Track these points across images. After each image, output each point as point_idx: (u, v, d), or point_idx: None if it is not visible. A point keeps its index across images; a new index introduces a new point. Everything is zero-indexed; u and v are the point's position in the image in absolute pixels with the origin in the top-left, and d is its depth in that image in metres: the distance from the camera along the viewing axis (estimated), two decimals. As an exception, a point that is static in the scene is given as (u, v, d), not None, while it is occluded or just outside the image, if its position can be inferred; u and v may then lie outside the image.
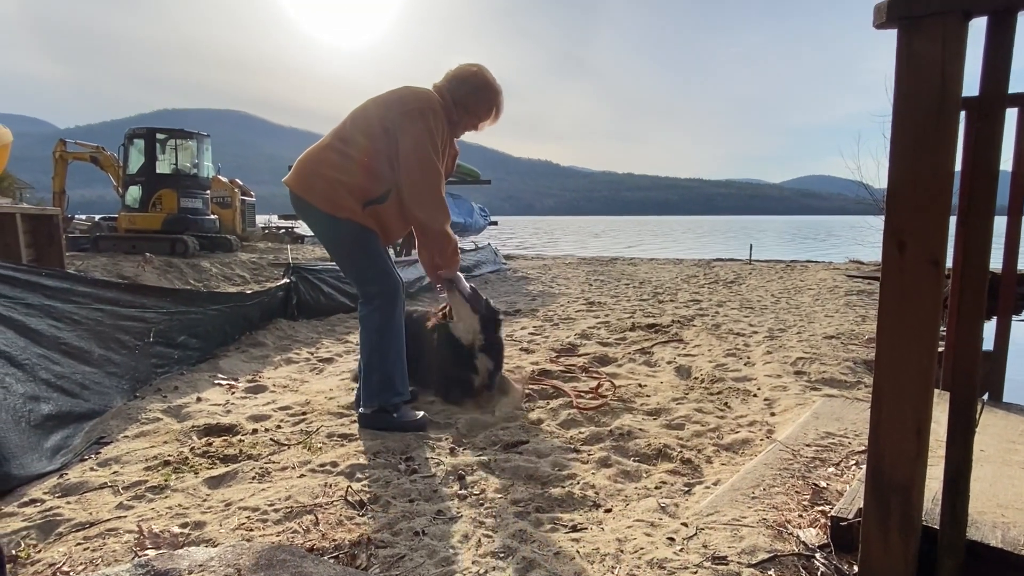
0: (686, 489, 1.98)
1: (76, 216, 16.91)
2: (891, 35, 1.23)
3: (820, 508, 1.73)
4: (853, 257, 14.79)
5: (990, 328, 2.18)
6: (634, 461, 2.23)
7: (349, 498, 1.85)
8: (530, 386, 3.16)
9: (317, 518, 1.73)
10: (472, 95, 2.63)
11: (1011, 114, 2.12)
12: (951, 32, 1.16)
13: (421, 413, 2.62)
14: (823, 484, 1.87)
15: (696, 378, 3.42)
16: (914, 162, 1.21)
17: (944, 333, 2.30)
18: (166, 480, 2.02)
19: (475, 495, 1.91)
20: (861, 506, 1.53)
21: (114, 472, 2.11)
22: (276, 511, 1.77)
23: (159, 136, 12.26)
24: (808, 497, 1.80)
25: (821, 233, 48.27)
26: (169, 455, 2.23)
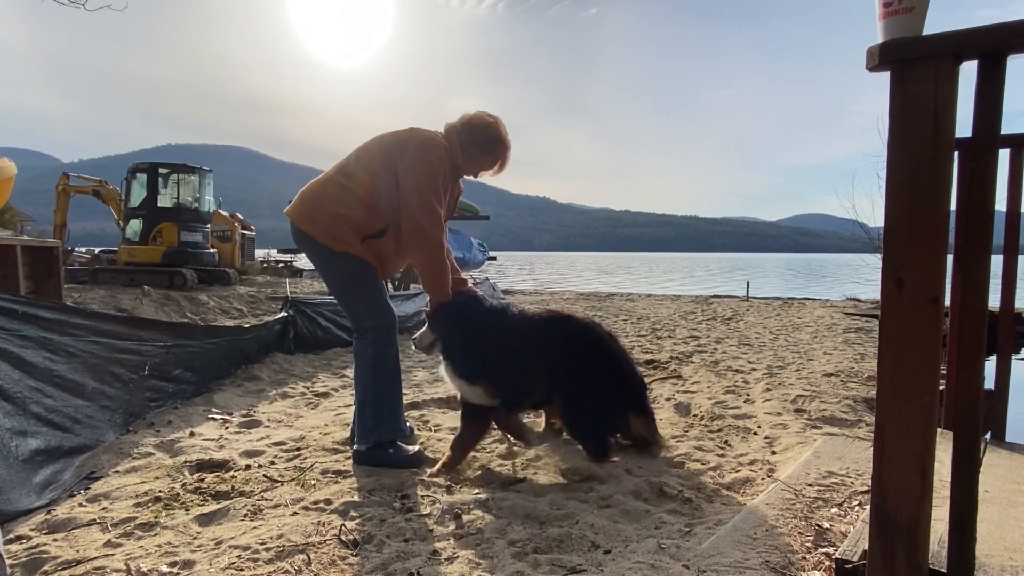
0: (687, 529, 1.94)
1: (76, 249, 16.96)
2: (882, 77, 1.26)
3: (824, 550, 1.69)
4: (850, 294, 14.84)
5: (990, 367, 2.18)
6: (634, 500, 2.19)
7: (343, 537, 1.81)
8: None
9: (309, 558, 1.69)
10: (480, 147, 2.65)
11: (1003, 154, 2.15)
12: (942, 75, 1.19)
13: (416, 448, 2.58)
14: (826, 525, 1.84)
15: (696, 415, 3.39)
16: (909, 201, 1.22)
17: (943, 372, 2.29)
18: (156, 517, 1.98)
19: (471, 535, 1.87)
20: (866, 548, 1.50)
21: (103, 508, 2.07)
22: (268, 550, 1.73)
23: (162, 171, 12.39)
24: (811, 538, 1.76)
25: (818, 270, 48.53)
26: (160, 491, 2.19)
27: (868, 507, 1.93)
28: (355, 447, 2.53)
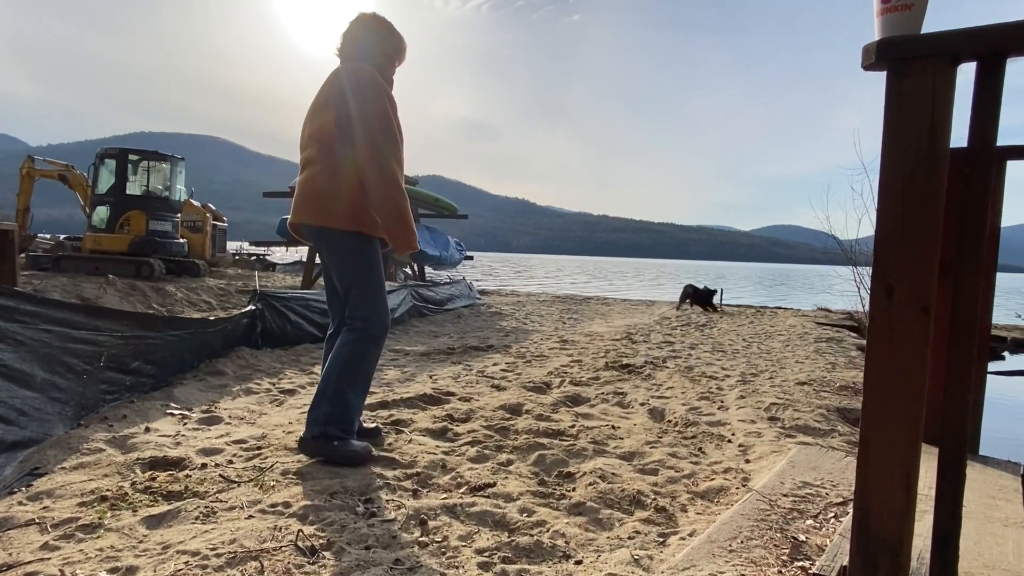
0: (660, 540, 1.89)
1: (39, 235, 16.41)
2: (855, 93, 1.23)
3: (800, 564, 1.65)
4: (821, 305, 15.04)
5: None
6: (606, 508, 2.12)
7: (300, 543, 1.71)
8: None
9: (263, 565, 1.59)
10: (395, 50, 2.69)
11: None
12: (940, 75, 1.14)
13: (364, 444, 2.50)
14: (802, 537, 1.80)
15: (670, 421, 3.35)
16: (903, 205, 1.18)
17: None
18: (100, 518, 1.85)
19: (437, 542, 1.79)
20: (844, 563, 1.46)
21: (44, 507, 1.94)
22: (218, 556, 1.63)
23: (132, 157, 12.04)
24: (787, 551, 1.71)
25: (790, 280, 49.35)
26: (107, 490, 2.06)
27: (844, 520, 1.89)
28: (302, 435, 2.46)
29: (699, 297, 10.82)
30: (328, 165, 2.45)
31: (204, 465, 2.34)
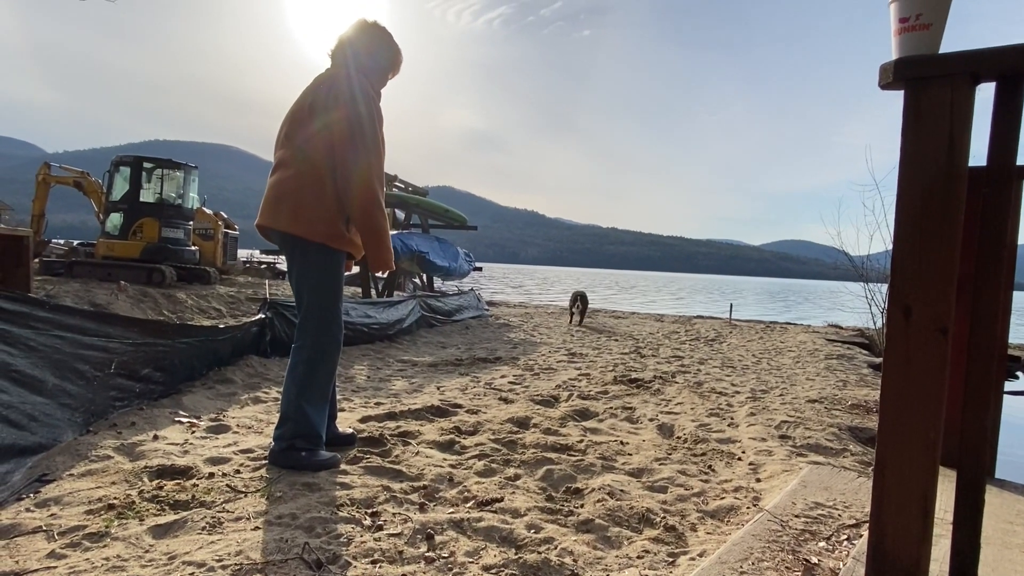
0: (670, 560, 1.86)
1: (53, 240, 16.60)
2: (862, 108, 1.22)
3: (812, 587, 1.62)
4: (831, 321, 14.93)
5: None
6: (615, 526, 2.10)
7: (305, 556, 1.70)
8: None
9: (268, 578, 1.58)
10: (391, 62, 2.64)
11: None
12: (959, 95, 1.13)
13: (331, 454, 2.53)
14: (814, 560, 1.77)
15: (679, 438, 3.32)
16: (921, 225, 1.17)
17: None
18: (107, 526, 1.85)
19: (444, 558, 1.77)
20: (859, 589, 1.43)
21: (51, 514, 1.94)
22: (224, 567, 1.62)
23: (146, 165, 12.17)
24: (799, 574, 1.68)
25: (799, 295, 49.08)
26: (115, 498, 2.06)
27: (857, 542, 1.86)
28: (271, 447, 2.50)
29: (580, 301, 12.38)
30: (304, 171, 2.44)
31: (211, 474, 2.33)
